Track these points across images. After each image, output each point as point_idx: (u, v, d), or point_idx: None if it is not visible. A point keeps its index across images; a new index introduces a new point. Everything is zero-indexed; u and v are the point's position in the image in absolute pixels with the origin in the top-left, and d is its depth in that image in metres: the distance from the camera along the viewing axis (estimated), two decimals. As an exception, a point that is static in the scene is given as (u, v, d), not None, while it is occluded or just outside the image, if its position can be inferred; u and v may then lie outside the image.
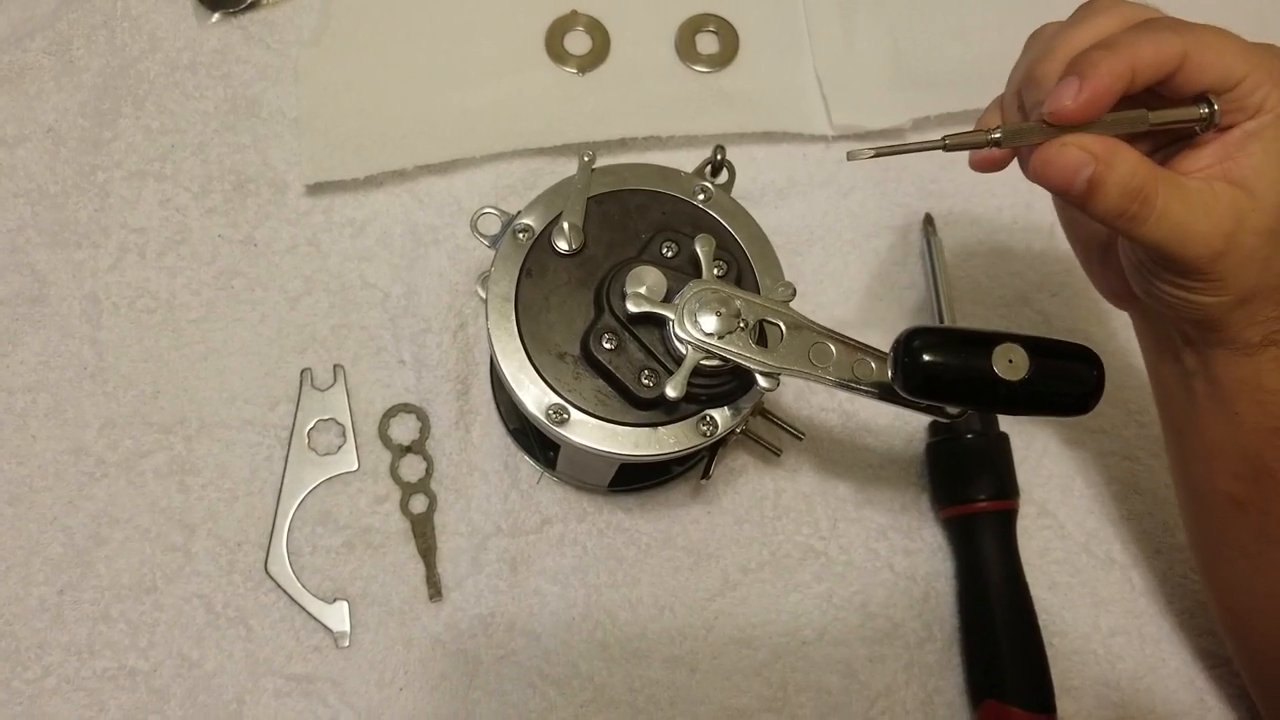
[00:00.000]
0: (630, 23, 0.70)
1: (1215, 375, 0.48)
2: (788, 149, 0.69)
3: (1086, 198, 0.41)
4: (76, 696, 0.56)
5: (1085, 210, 0.42)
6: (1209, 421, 0.49)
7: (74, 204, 0.65)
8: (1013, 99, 0.46)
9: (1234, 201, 0.42)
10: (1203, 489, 0.52)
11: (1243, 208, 0.42)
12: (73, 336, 0.62)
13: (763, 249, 0.51)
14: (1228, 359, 0.47)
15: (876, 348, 0.47)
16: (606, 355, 0.47)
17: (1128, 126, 0.42)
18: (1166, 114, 0.42)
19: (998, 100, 0.47)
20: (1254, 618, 0.53)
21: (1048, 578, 0.61)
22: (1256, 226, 0.42)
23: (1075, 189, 0.41)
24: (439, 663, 0.58)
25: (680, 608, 0.59)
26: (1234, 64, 0.41)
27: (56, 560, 0.58)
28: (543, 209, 0.51)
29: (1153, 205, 0.41)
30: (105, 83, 0.68)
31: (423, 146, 0.66)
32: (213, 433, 0.61)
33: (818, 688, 0.58)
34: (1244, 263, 0.42)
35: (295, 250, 0.65)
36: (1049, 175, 0.42)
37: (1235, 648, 0.56)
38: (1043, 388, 0.43)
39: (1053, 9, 0.71)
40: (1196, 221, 0.41)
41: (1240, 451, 0.49)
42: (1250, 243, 0.42)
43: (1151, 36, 0.41)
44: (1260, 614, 0.52)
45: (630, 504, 0.61)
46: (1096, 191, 0.41)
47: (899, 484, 0.62)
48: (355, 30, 0.69)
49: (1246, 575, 0.52)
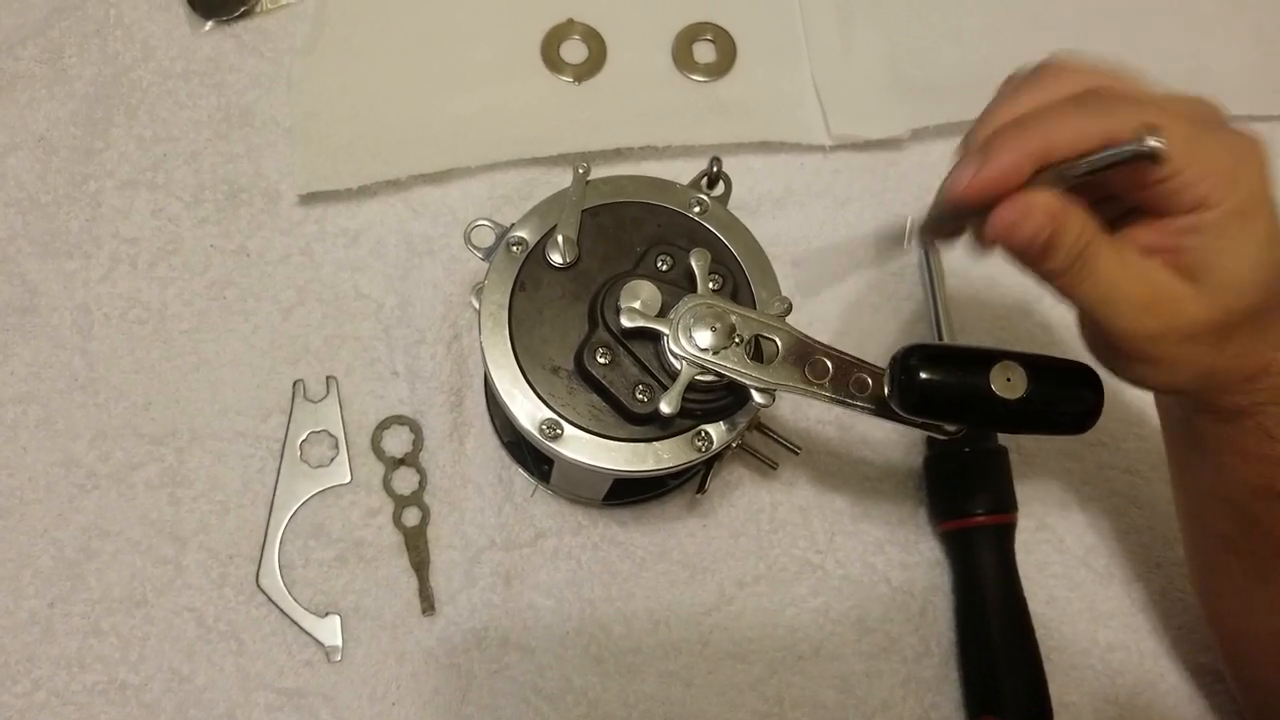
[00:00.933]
0: (627, 31, 0.70)
1: (1200, 430, 0.47)
2: (785, 159, 0.68)
3: (1040, 258, 0.40)
4: (66, 711, 0.56)
5: (1031, 267, 0.41)
6: (1203, 465, 0.49)
7: (65, 214, 0.64)
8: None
9: (1173, 287, 0.40)
10: (1199, 526, 0.52)
11: (1181, 294, 0.40)
12: (64, 347, 0.62)
13: (759, 262, 0.51)
14: (1206, 422, 0.46)
15: (873, 364, 0.46)
16: (600, 370, 0.47)
17: (1057, 182, 0.40)
18: (1097, 161, 0.39)
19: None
20: (1249, 649, 0.53)
21: (1046, 592, 0.60)
22: (1196, 316, 0.41)
23: (1032, 252, 0.40)
24: (432, 677, 0.57)
25: (675, 622, 0.59)
26: (1174, 159, 0.38)
27: (47, 573, 0.58)
28: (537, 221, 0.51)
29: (1092, 267, 0.40)
30: (97, 91, 0.67)
31: (417, 156, 0.66)
32: (204, 444, 0.60)
33: (814, 703, 0.58)
34: (1183, 345, 0.41)
35: (288, 260, 0.64)
36: (1011, 239, 0.40)
37: (1231, 674, 0.56)
38: (1041, 407, 0.43)
39: (1051, 16, 0.72)
40: (1131, 290, 0.41)
41: (1229, 500, 0.48)
42: (1189, 328, 0.41)
43: (1076, 118, 0.39)
44: (1254, 645, 0.52)
45: (625, 517, 0.60)
46: (1050, 250, 0.40)
47: (896, 497, 0.62)
48: (349, 38, 0.69)
49: (1240, 611, 0.52)
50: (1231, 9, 0.72)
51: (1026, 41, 0.71)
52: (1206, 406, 0.45)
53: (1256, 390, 0.43)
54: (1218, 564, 0.52)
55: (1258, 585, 0.49)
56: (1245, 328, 0.41)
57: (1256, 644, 0.52)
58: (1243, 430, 0.45)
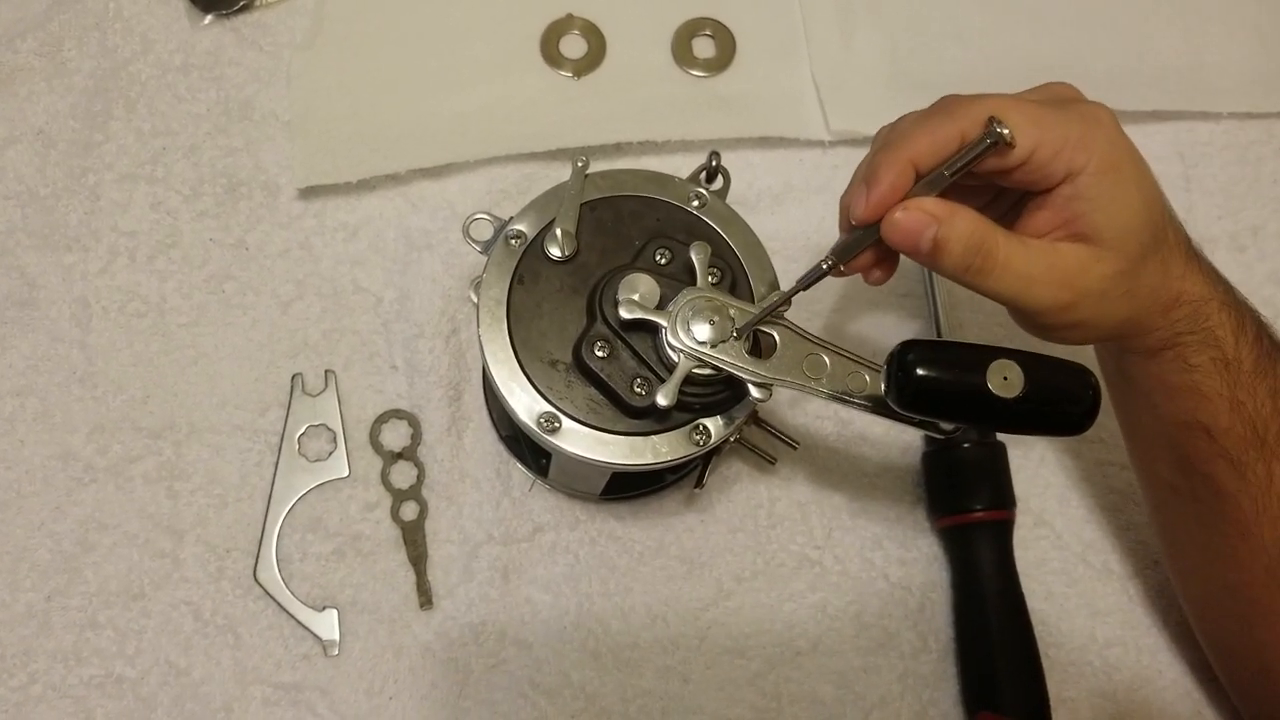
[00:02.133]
0: (626, 27, 0.70)
1: (1130, 373, 0.51)
2: (784, 154, 0.68)
3: (934, 256, 0.44)
4: (63, 704, 0.56)
5: (936, 269, 0.45)
6: (1140, 410, 0.52)
7: (64, 207, 0.64)
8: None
9: (1076, 255, 0.44)
10: (1148, 476, 0.55)
11: (1084, 258, 0.44)
12: (62, 340, 0.62)
13: (758, 257, 0.51)
14: (1134, 361, 0.49)
15: (871, 360, 0.46)
16: (599, 363, 0.47)
17: (935, 186, 0.44)
18: (958, 160, 0.43)
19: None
20: (1212, 611, 0.54)
21: (1044, 588, 0.60)
22: (1103, 272, 0.44)
23: (923, 249, 0.43)
24: (429, 672, 0.57)
25: (673, 617, 0.59)
26: (1021, 140, 0.43)
27: (44, 566, 0.58)
28: (536, 215, 0.51)
29: (994, 258, 0.43)
30: (96, 85, 0.67)
31: (416, 150, 0.65)
32: (203, 438, 0.60)
33: (812, 698, 0.58)
34: (1100, 303, 0.45)
35: (287, 254, 0.64)
36: (896, 238, 0.44)
37: (1203, 640, 0.57)
38: (1037, 406, 0.43)
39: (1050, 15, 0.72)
40: (1039, 272, 0.44)
41: (1167, 441, 0.51)
42: (1099, 286, 0.44)
43: (927, 126, 0.44)
44: (1216, 606, 0.54)
45: (623, 512, 0.60)
46: (941, 250, 0.43)
47: (895, 493, 0.62)
48: (349, 33, 0.69)
49: (1198, 564, 0.54)
50: (1231, 8, 0.72)
51: (1025, 39, 0.72)
52: (1133, 348, 0.49)
53: (1173, 322, 0.47)
54: (1170, 518, 0.54)
55: (1207, 533, 0.51)
56: (1149, 266, 0.45)
57: (1217, 604, 0.53)
58: (1164, 363, 0.48)
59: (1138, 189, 0.45)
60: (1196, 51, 0.71)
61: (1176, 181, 0.69)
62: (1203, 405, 0.48)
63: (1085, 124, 0.44)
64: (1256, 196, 0.69)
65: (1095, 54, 0.70)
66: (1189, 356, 0.47)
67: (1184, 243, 0.48)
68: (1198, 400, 0.48)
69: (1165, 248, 0.46)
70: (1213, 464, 0.48)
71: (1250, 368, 0.47)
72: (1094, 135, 0.44)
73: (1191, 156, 0.70)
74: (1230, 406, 0.47)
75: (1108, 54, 0.70)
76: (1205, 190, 0.69)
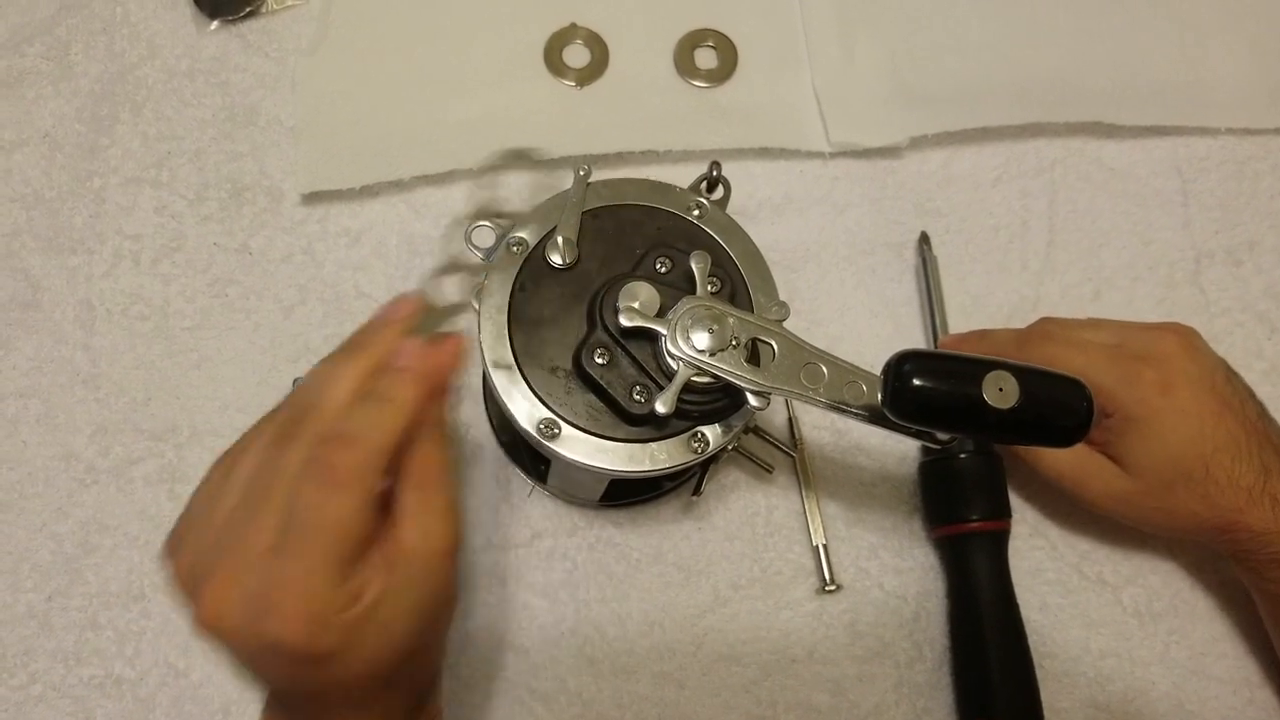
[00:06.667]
0: (629, 37, 0.70)
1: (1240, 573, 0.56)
2: (785, 165, 0.69)
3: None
4: (63, 704, 0.56)
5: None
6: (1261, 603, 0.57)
7: (69, 209, 0.65)
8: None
9: (1099, 466, 0.54)
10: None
11: (1106, 473, 0.54)
12: (65, 342, 0.62)
13: (757, 266, 0.51)
14: (1234, 565, 0.56)
15: (869, 370, 0.47)
16: (598, 370, 0.47)
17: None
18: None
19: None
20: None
21: (1039, 599, 0.61)
22: (1124, 488, 0.54)
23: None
24: (427, 676, 0.57)
25: (670, 624, 0.59)
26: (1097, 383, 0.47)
27: (45, 567, 0.58)
28: (538, 223, 0.51)
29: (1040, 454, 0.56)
30: (103, 89, 0.68)
31: (419, 157, 0.66)
32: (204, 441, 0.61)
33: (807, 706, 0.58)
34: (1127, 510, 0.55)
35: (290, 259, 0.65)
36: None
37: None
38: (1032, 417, 0.43)
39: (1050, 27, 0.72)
40: (1065, 468, 0.56)
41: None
42: (1121, 497, 0.54)
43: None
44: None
45: (621, 519, 0.61)
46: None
47: (891, 503, 0.62)
48: (354, 39, 0.69)
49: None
50: (1229, 22, 0.73)
51: (1025, 53, 0.72)
52: (1227, 554, 0.55)
53: (1239, 543, 0.52)
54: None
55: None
56: (1177, 495, 0.52)
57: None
58: (1247, 572, 0.54)
59: (1172, 432, 0.52)
60: (1194, 67, 0.71)
61: (1174, 196, 0.70)
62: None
63: (1135, 367, 0.53)
64: (1254, 212, 0.70)
65: (1094, 68, 0.71)
66: (1264, 571, 0.53)
67: (1252, 485, 0.51)
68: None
69: (1206, 482, 0.51)
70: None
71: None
72: (1139, 378, 0.52)
73: (1189, 171, 0.70)
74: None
75: (1106, 68, 0.71)
76: (1203, 205, 0.70)
